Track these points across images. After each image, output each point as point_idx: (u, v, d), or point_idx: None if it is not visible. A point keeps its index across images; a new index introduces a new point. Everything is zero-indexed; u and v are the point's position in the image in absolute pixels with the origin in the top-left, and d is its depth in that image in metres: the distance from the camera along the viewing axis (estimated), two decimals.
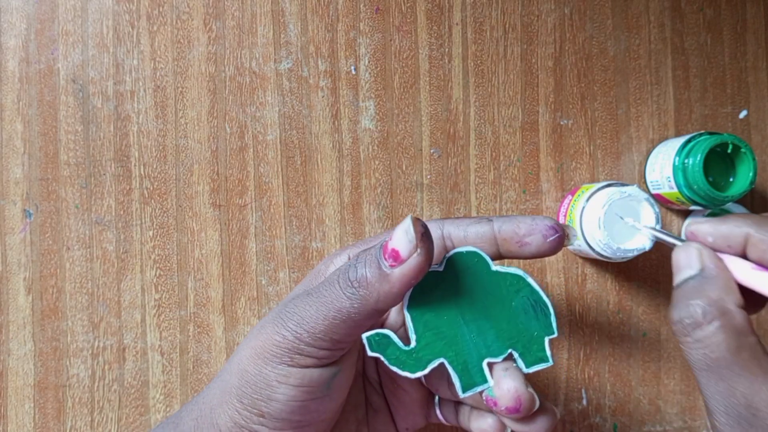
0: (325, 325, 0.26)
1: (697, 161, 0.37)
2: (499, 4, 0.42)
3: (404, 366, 0.27)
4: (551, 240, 0.28)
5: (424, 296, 0.27)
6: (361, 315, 0.26)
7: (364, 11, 0.41)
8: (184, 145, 0.40)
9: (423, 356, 0.27)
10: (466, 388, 0.27)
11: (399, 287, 0.25)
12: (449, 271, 0.27)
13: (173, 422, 0.31)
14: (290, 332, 0.27)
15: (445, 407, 0.33)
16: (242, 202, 0.40)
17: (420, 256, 0.25)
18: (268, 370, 0.27)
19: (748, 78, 0.43)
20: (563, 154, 0.42)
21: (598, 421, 0.42)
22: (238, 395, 0.28)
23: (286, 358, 0.27)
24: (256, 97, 0.41)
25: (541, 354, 0.28)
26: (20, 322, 0.39)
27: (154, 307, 0.40)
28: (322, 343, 0.27)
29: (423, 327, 0.27)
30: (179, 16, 0.40)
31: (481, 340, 0.27)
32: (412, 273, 0.25)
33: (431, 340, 0.27)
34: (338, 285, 0.26)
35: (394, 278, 0.25)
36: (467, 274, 0.27)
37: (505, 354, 0.28)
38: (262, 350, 0.28)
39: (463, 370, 0.27)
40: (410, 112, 0.41)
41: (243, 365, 0.28)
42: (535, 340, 0.28)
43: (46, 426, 0.39)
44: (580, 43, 0.42)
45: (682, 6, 0.43)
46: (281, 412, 0.27)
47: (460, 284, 0.27)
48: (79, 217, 0.40)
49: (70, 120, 0.40)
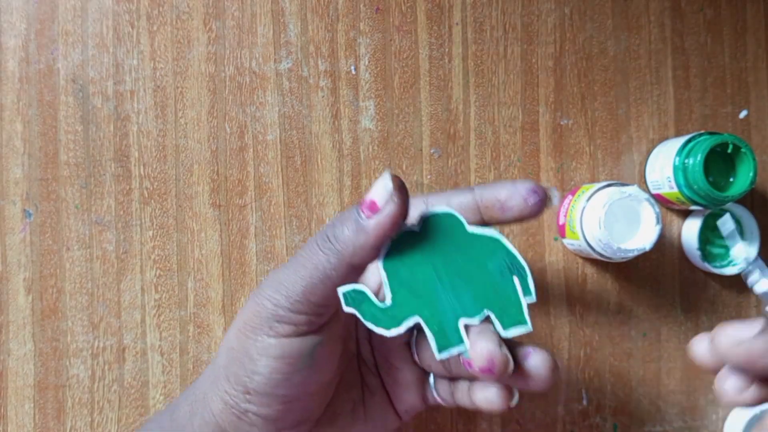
0: (302, 286, 0.26)
1: (698, 161, 0.37)
2: (499, 4, 0.42)
3: (379, 322, 0.27)
4: (533, 203, 0.27)
5: (400, 255, 0.27)
6: (337, 272, 0.26)
7: (364, 11, 0.41)
8: (184, 145, 0.40)
9: (397, 313, 0.27)
10: (442, 349, 0.27)
11: (374, 238, 0.26)
12: (425, 231, 0.27)
13: (170, 410, 0.31)
14: (268, 299, 0.27)
15: (441, 386, 0.32)
16: (242, 202, 0.40)
17: (395, 204, 0.25)
18: (250, 343, 0.27)
19: (748, 78, 0.43)
20: (563, 154, 0.42)
21: (598, 421, 0.42)
22: (226, 375, 0.29)
23: (265, 328, 0.27)
24: (256, 97, 0.41)
25: (519, 317, 0.27)
26: (20, 322, 0.39)
27: (154, 308, 0.40)
28: (300, 306, 0.27)
29: (398, 284, 0.27)
30: (179, 16, 0.40)
31: (457, 301, 0.27)
32: (388, 222, 0.25)
33: (406, 298, 0.27)
34: (316, 244, 0.27)
35: (370, 228, 0.26)
36: (443, 234, 0.27)
37: (481, 315, 0.27)
38: (244, 325, 0.28)
39: (439, 331, 0.27)
40: (410, 112, 0.41)
41: (229, 343, 0.29)
42: (513, 303, 0.27)
43: (46, 426, 0.39)
44: (580, 43, 0.42)
45: (682, 6, 0.43)
46: (265, 386, 0.27)
47: (435, 245, 0.27)
48: (79, 217, 0.40)
49: (70, 120, 0.40)
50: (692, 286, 0.42)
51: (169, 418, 0.31)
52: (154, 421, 0.31)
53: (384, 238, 0.26)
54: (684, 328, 0.42)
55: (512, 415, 0.41)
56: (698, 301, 0.42)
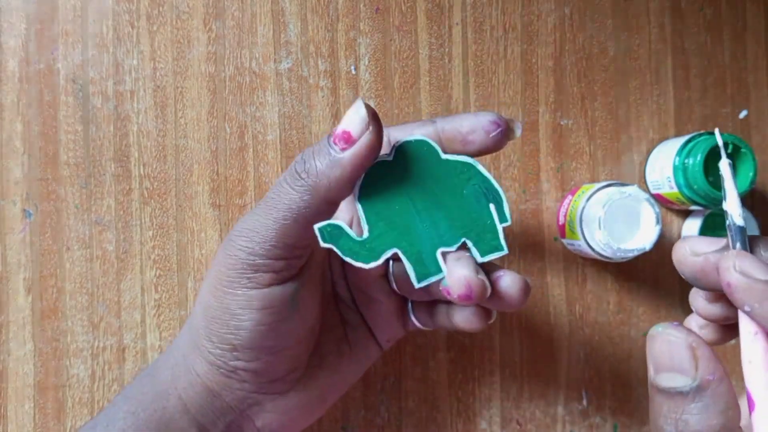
0: (275, 229, 0.25)
1: (698, 161, 0.37)
2: (499, 4, 0.42)
3: (357, 256, 0.27)
4: (494, 135, 0.27)
5: (375, 187, 0.27)
6: (312, 209, 0.25)
7: (364, 11, 0.41)
8: (184, 145, 0.40)
9: (376, 246, 0.27)
10: (421, 278, 0.27)
11: (351, 170, 0.25)
12: (399, 160, 0.27)
13: (149, 374, 0.30)
14: (242, 250, 0.26)
15: (420, 312, 0.32)
16: (242, 202, 0.40)
17: (371, 134, 0.24)
18: (229, 299, 0.26)
19: (748, 78, 0.43)
20: (563, 154, 0.42)
21: (598, 421, 0.42)
22: (207, 334, 0.28)
23: (243, 280, 0.26)
24: (256, 97, 0.41)
25: (495, 242, 0.27)
26: (20, 322, 0.39)
27: (154, 307, 0.40)
28: (277, 251, 0.26)
29: (375, 217, 0.27)
30: (179, 16, 0.40)
31: (434, 230, 0.27)
32: (365, 152, 0.25)
33: (384, 230, 0.27)
34: (286, 183, 0.26)
35: (346, 161, 0.25)
36: (417, 162, 0.27)
37: (458, 243, 0.27)
38: (217, 280, 0.27)
39: (417, 260, 0.27)
40: (410, 112, 0.41)
41: (205, 301, 0.28)
42: (489, 228, 0.27)
43: (46, 426, 0.39)
44: (580, 43, 0.42)
45: (682, 6, 0.43)
46: (252, 341, 0.27)
47: (410, 173, 0.27)
48: (79, 217, 0.40)
49: (70, 120, 0.40)
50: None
51: (150, 383, 0.30)
52: (134, 386, 0.30)
53: (360, 169, 0.25)
54: None
55: (512, 415, 0.41)
56: None
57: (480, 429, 0.41)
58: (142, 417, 0.29)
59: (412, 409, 0.41)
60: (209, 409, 0.29)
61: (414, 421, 0.41)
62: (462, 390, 0.41)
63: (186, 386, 0.29)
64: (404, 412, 0.41)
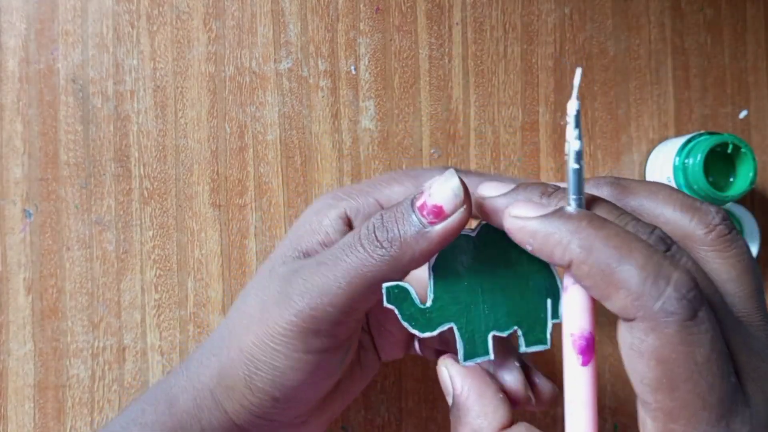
0: (347, 295, 0.24)
1: (698, 161, 0.37)
2: (499, 4, 0.42)
3: (415, 324, 0.26)
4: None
5: (451, 259, 0.26)
6: (388, 278, 0.24)
7: (364, 11, 0.41)
8: (184, 145, 0.40)
9: (435, 318, 0.26)
10: (468, 357, 0.27)
11: (437, 244, 0.24)
12: (480, 238, 0.27)
13: (166, 400, 0.29)
14: (304, 311, 0.24)
15: (427, 349, 0.32)
16: (242, 202, 0.40)
17: (465, 212, 0.24)
18: (281, 359, 0.25)
19: (748, 78, 0.43)
20: (563, 154, 0.42)
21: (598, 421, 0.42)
22: (246, 382, 0.27)
23: (300, 344, 0.25)
24: (256, 97, 0.41)
25: (542, 336, 0.28)
26: (20, 322, 0.39)
27: (154, 307, 0.40)
28: (343, 317, 0.25)
29: (442, 289, 0.26)
30: (179, 16, 0.40)
31: (492, 313, 0.27)
32: (456, 228, 0.24)
33: (446, 303, 0.27)
34: (362, 247, 0.24)
35: (434, 235, 0.24)
36: (496, 245, 0.27)
37: (511, 330, 0.27)
38: (268, 334, 0.25)
39: (470, 340, 0.27)
40: (410, 112, 0.41)
41: (249, 351, 0.26)
42: (539, 322, 0.28)
43: (46, 426, 0.39)
44: (580, 43, 0.42)
45: (682, 6, 0.43)
46: (296, 396, 0.27)
47: (486, 254, 0.27)
48: (79, 217, 0.40)
49: (70, 120, 0.40)
50: None
51: (167, 411, 0.29)
52: (147, 412, 0.29)
53: (446, 244, 0.24)
54: None
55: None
56: None
57: None
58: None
59: (412, 409, 0.41)
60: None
61: (414, 421, 0.41)
62: None
63: (211, 419, 0.28)
64: (404, 412, 0.41)
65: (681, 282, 0.19)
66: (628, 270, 0.20)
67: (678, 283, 0.19)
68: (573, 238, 0.21)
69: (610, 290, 0.20)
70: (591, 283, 0.21)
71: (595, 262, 0.21)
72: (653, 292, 0.19)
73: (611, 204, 0.23)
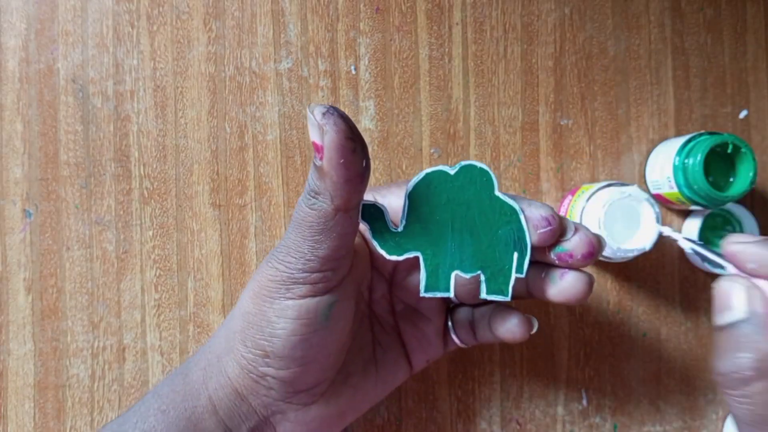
0: (308, 245, 0.26)
1: (698, 161, 0.37)
2: (499, 4, 0.42)
3: (384, 245, 0.28)
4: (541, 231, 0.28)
5: (427, 191, 0.28)
6: (330, 220, 0.26)
7: (364, 11, 0.41)
8: (184, 145, 0.40)
9: (403, 243, 0.28)
10: (428, 290, 0.28)
11: (337, 175, 0.25)
12: (459, 177, 0.28)
13: (182, 373, 0.31)
14: (281, 263, 0.27)
15: (461, 329, 0.33)
16: (242, 202, 0.40)
17: (329, 133, 0.24)
18: (266, 307, 0.28)
19: (748, 78, 0.43)
20: (563, 154, 0.42)
21: (598, 421, 0.42)
22: (242, 339, 0.29)
23: (282, 290, 0.27)
24: (256, 97, 0.41)
25: (504, 287, 0.28)
26: (20, 322, 0.39)
27: (154, 307, 0.40)
28: (313, 264, 0.27)
29: (415, 217, 0.28)
30: (179, 16, 0.40)
31: (458, 252, 0.28)
32: (336, 152, 0.24)
33: (417, 233, 0.28)
34: (303, 204, 0.27)
35: (327, 168, 0.25)
36: (472, 186, 0.28)
37: (474, 273, 0.28)
38: (259, 290, 0.28)
39: (432, 272, 0.28)
40: (410, 112, 0.41)
41: (245, 308, 0.29)
42: (503, 273, 0.28)
43: (46, 426, 0.39)
44: (580, 43, 0.42)
45: (682, 6, 0.43)
46: (284, 349, 0.28)
47: (462, 193, 0.28)
48: (79, 217, 0.40)
49: (70, 120, 0.40)
50: (692, 286, 0.42)
51: (182, 382, 0.31)
52: (165, 384, 0.31)
53: (346, 168, 0.25)
54: (684, 328, 0.42)
55: (512, 414, 0.41)
56: (698, 301, 0.42)
57: (480, 429, 0.41)
58: (172, 415, 0.29)
59: (412, 409, 0.41)
60: (236, 412, 0.30)
61: (414, 421, 0.41)
62: (462, 390, 0.41)
63: (216, 387, 0.30)
64: (404, 412, 0.41)
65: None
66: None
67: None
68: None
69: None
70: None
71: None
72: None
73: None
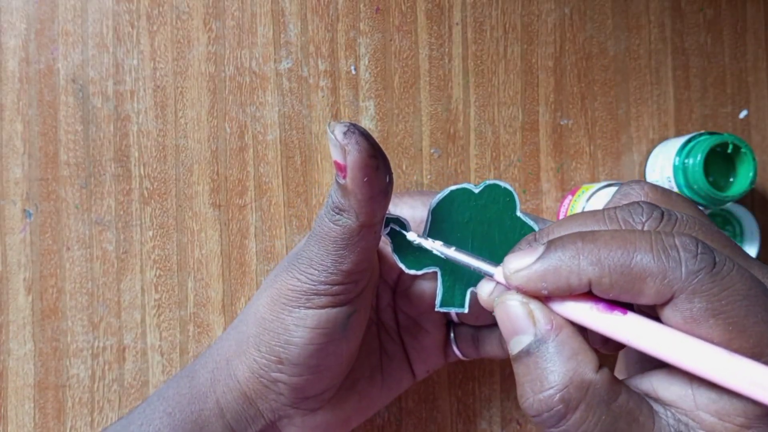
0: (331, 258, 0.26)
1: (698, 161, 0.37)
2: (499, 4, 0.42)
3: (404, 258, 0.28)
4: None
5: (451, 208, 0.28)
6: (355, 236, 0.26)
7: (364, 11, 0.41)
8: (184, 145, 0.40)
9: (423, 258, 0.28)
10: (443, 305, 0.28)
11: (361, 193, 0.25)
12: (482, 196, 0.28)
13: (188, 375, 0.31)
14: (303, 274, 0.27)
15: (463, 342, 0.33)
16: (242, 202, 0.40)
17: (352, 153, 0.24)
18: (285, 314, 0.28)
19: (748, 78, 0.43)
20: (563, 154, 0.42)
21: None
22: (256, 344, 0.29)
23: (303, 300, 0.27)
24: (256, 97, 0.41)
25: None
26: (20, 322, 0.39)
27: (154, 307, 0.40)
28: (335, 278, 0.27)
29: (436, 232, 0.28)
30: (179, 16, 0.40)
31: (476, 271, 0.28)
32: (360, 171, 0.24)
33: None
34: (326, 219, 0.27)
35: (350, 186, 0.25)
36: (495, 207, 0.28)
37: None
38: (278, 297, 0.28)
39: (449, 288, 0.28)
40: (410, 112, 0.41)
41: (260, 314, 0.29)
42: None
43: (46, 426, 0.39)
44: (580, 43, 0.42)
45: (682, 6, 0.43)
46: (299, 357, 0.28)
47: (484, 213, 0.28)
48: (79, 217, 0.40)
49: (70, 120, 0.40)
50: None
51: (188, 384, 0.30)
52: (170, 386, 0.31)
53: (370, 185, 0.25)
54: None
55: (512, 415, 0.41)
56: None
57: (480, 429, 0.41)
58: (179, 418, 0.29)
59: (412, 409, 0.41)
60: (243, 416, 0.30)
61: (414, 421, 0.41)
62: (462, 390, 0.41)
63: (224, 390, 0.30)
64: (404, 412, 0.41)
65: (686, 243, 0.20)
66: (641, 259, 0.20)
67: (685, 245, 0.20)
68: (579, 260, 0.21)
69: (637, 285, 0.21)
70: (618, 290, 0.21)
71: (611, 269, 0.21)
72: (672, 263, 0.20)
73: (586, 213, 0.24)
